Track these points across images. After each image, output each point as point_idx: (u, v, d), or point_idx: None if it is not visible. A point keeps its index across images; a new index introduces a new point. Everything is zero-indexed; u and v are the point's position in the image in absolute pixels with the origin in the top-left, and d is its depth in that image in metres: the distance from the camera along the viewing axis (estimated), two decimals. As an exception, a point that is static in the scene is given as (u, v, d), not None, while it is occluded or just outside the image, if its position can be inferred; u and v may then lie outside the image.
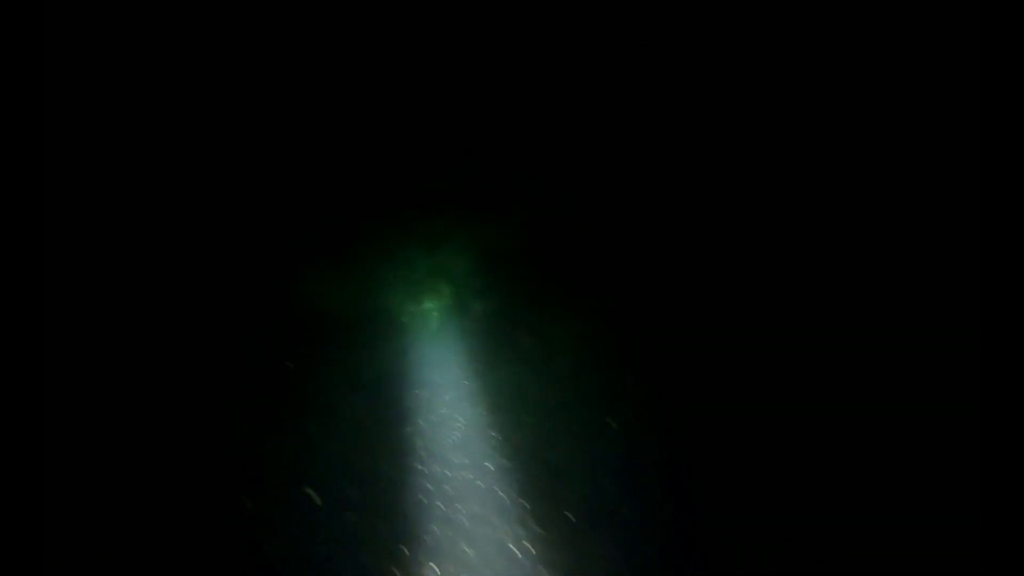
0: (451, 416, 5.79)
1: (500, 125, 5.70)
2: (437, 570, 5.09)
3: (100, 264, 5.18)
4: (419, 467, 5.55)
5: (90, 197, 5.14)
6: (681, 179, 5.77)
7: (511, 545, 5.19)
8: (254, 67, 5.29)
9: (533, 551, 5.15)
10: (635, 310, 5.83)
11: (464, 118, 5.66)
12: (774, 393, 5.28)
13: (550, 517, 5.30)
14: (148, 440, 5.11)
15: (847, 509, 4.91)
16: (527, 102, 5.62)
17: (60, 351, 4.84)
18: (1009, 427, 3.30)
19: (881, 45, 5.15)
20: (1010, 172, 3.64)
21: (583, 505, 5.31)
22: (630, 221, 5.88)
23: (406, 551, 5.20)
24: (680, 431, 5.47)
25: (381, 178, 5.75)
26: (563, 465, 5.46)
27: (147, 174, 5.32)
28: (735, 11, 5.31)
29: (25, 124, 3.98)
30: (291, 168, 5.59)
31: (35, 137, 4.02)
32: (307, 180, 5.64)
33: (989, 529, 3.25)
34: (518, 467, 5.50)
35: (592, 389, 5.70)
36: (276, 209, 5.61)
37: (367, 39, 5.34)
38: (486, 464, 5.55)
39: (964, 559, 4.05)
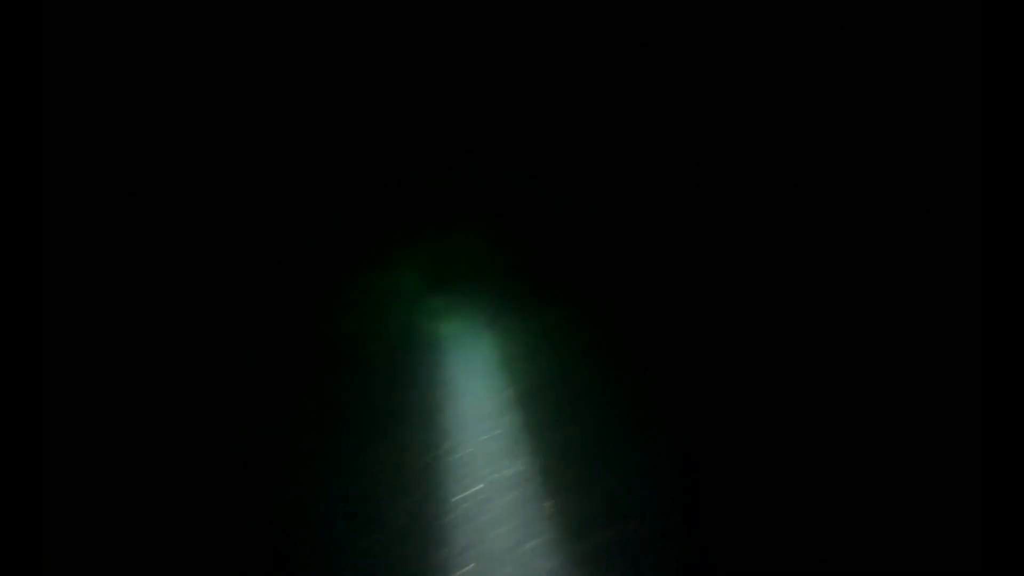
0: (468, 418, 5.79)
1: (500, 125, 5.70)
2: None
3: (100, 264, 5.18)
4: (428, 469, 5.55)
5: (90, 197, 5.14)
6: (681, 178, 5.77)
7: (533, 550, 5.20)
8: (253, 67, 5.29)
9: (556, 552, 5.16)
10: (641, 309, 5.83)
11: (464, 118, 5.66)
12: (786, 395, 5.30)
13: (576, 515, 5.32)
14: (148, 440, 5.11)
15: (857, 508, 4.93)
16: (527, 102, 5.62)
17: (60, 351, 4.84)
18: (1009, 425, 3.30)
19: (881, 44, 5.15)
20: (1010, 171, 3.64)
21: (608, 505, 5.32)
22: (631, 221, 5.88)
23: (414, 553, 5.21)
24: (689, 432, 5.47)
25: (381, 178, 5.75)
26: (591, 469, 5.48)
27: (147, 174, 5.32)
28: (735, 11, 5.31)
29: (25, 124, 3.98)
30: (290, 168, 5.59)
31: (35, 137, 4.02)
32: (307, 180, 5.64)
33: (989, 529, 3.24)
34: (542, 471, 5.51)
35: (609, 391, 5.72)
36: (276, 209, 5.61)
37: (367, 39, 5.35)
38: (506, 467, 5.55)
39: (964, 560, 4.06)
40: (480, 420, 5.74)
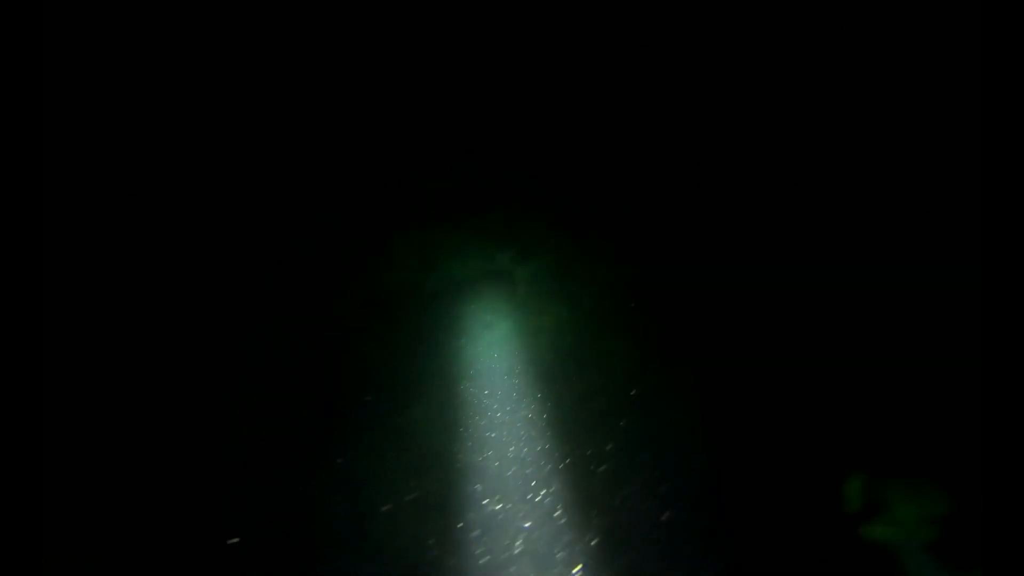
0: (476, 419, 5.78)
1: (500, 125, 5.70)
2: None
3: (100, 264, 5.18)
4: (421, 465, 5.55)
5: (90, 197, 5.14)
6: (682, 177, 5.77)
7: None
8: (253, 67, 5.29)
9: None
10: (644, 305, 5.84)
11: (464, 118, 5.66)
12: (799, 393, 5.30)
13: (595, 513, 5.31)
14: (148, 440, 5.12)
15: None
16: (526, 102, 5.62)
17: (60, 351, 4.84)
18: (1010, 428, 3.30)
19: (882, 45, 5.15)
20: (1010, 171, 3.64)
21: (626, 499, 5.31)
22: (632, 219, 5.89)
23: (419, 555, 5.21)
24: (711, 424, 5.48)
25: (381, 178, 5.75)
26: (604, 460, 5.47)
27: (147, 175, 5.33)
28: (735, 11, 5.31)
29: (25, 124, 3.98)
30: (291, 168, 5.59)
31: (35, 137, 4.02)
32: (307, 180, 5.64)
33: (989, 527, 3.24)
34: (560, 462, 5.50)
35: (619, 384, 5.72)
36: (276, 209, 5.61)
37: (367, 39, 5.35)
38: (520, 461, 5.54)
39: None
40: (491, 422, 5.74)
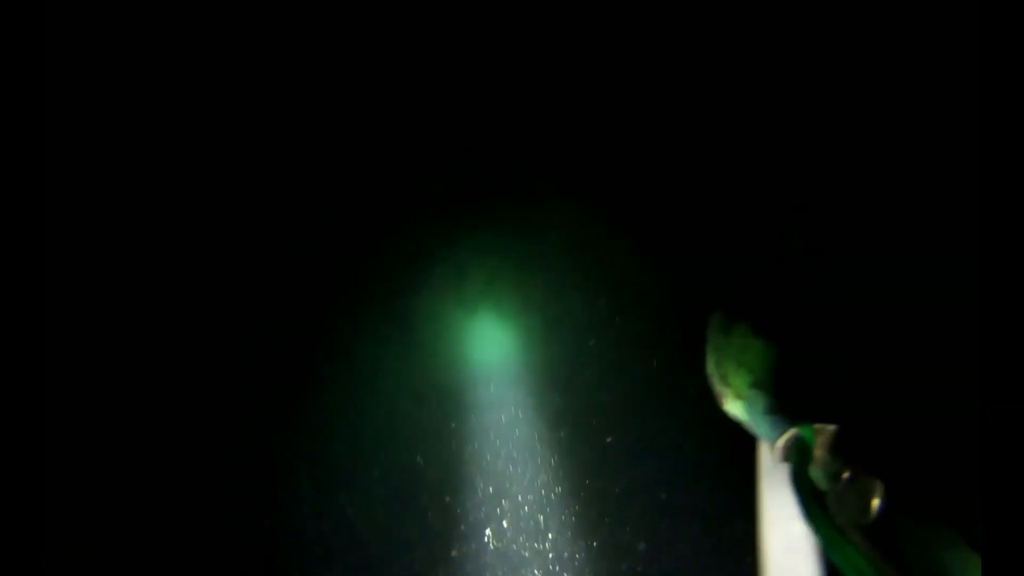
0: (481, 418, 5.77)
1: (500, 125, 5.70)
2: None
3: (100, 264, 5.18)
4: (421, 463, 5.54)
5: (90, 197, 5.14)
6: (682, 177, 5.77)
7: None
8: (252, 65, 5.30)
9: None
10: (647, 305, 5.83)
11: (464, 118, 5.66)
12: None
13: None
14: (148, 440, 5.11)
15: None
16: (526, 101, 5.62)
17: (60, 351, 4.84)
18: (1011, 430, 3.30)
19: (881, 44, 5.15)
20: (1010, 171, 3.64)
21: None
22: (632, 218, 5.88)
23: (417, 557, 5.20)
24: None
25: (381, 178, 5.75)
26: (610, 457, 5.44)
27: (146, 174, 5.33)
28: (735, 11, 5.31)
29: (25, 124, 3.98)
30: (290, 168, 5.59)
31: (35, 137, 4.02)
32: (307, 180, 5.64)
33: (989, 528, 3.24)
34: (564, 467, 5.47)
35: (618, 381, 5.69)
36: (276, 209, 5.61)
37: (366, 38, 5.35)
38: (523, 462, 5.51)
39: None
40: (496, 422, 5.72)
